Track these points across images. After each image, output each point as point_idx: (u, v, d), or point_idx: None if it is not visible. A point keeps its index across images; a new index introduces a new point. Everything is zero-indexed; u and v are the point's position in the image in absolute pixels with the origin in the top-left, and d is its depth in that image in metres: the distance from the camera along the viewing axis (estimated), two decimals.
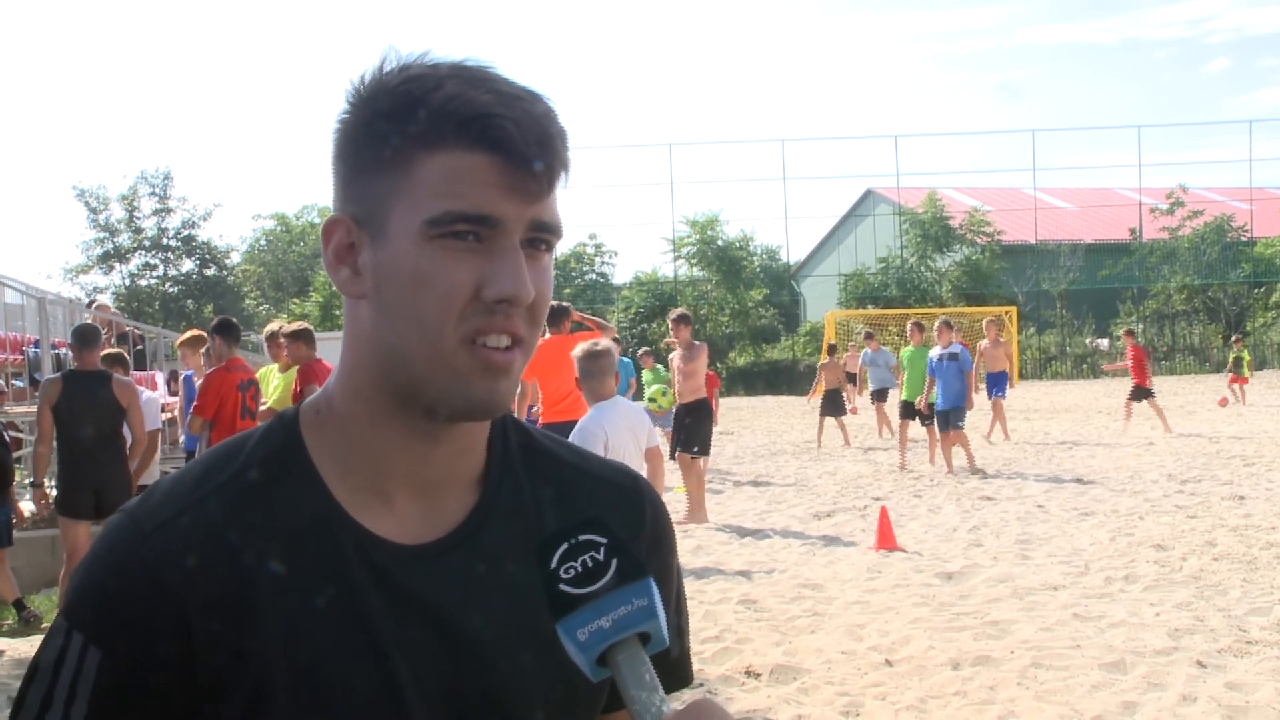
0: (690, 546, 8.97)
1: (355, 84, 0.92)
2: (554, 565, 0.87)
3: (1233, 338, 27.75)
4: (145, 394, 8.67)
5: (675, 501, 10.59)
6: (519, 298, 0.88)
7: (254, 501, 0.91)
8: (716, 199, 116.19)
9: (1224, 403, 22.29)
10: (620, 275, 51.79)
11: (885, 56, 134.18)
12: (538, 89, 0.91)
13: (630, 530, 1.05)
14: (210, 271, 45.52)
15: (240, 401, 7.85)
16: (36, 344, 12.28)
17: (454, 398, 0.90)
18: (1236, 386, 22.83)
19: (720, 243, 41.48)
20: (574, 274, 45.73)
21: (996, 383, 16.83)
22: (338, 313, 40.80)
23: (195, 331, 10.41)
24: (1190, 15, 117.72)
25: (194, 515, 0.89)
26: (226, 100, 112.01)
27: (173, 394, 13.08)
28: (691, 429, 10.53)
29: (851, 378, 20.83)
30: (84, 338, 7.35)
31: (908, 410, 14.20)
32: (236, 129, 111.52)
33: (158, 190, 44.10)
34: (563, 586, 0.86)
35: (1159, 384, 29.47)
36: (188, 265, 45.45)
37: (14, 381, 12.25)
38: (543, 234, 0.90)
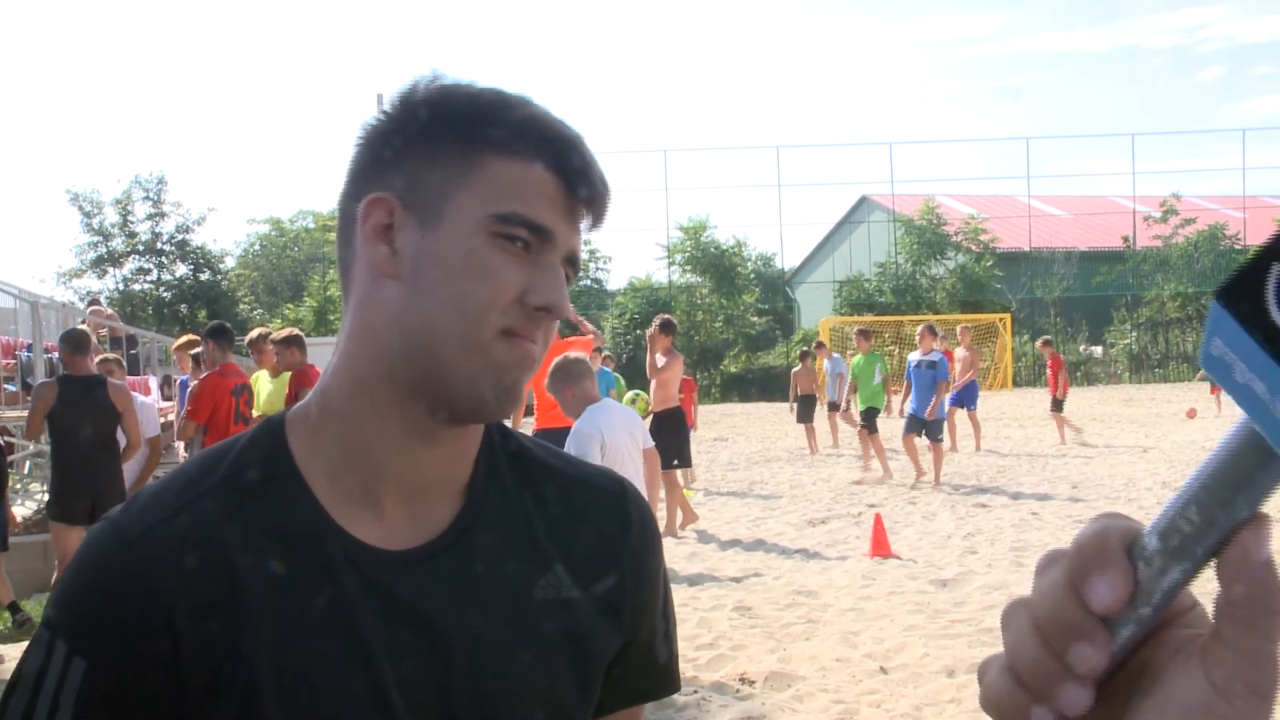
0: (685, 553, 8.97)
1: (411, 85, 0.95)
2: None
3: None
4: (140, 399, 8.65)
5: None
6: (559, 309, 0.92)
7: (239, 506, 0.91)
8: (711, 205, 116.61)
9: (1192, 414, 21.49)
10: (615, 281, 51.89)
11: (880, 63, 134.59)
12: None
13: (617, 534, 1.05)
14: (204, 276, 45.36)
15: (234, 406, 7.84)
16: (29, 348, 12.25)
17: (477, 387, 0.91)
18: (1215, 396, 22.09)
19: (713, 249, 41.46)
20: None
21: (968, 393, 16.24)
22: (332, 318, 40.77)
23: (191, 336, 10.41)
24: (1185, 23, 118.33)
25: (181, 520, 0.89)
26: (220, 105, 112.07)
27: (166, 398, 13.06)
28: (668, 441, 10.14)
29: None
30: (75, 343, 7.34)
31: (870, 420, 13.65)
32: (230, 134, 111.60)
33: (151, 195, 43.93)
34: None
35: (1152, 391, 29.59)
36: (182, 270, 45.26)
37: (6, 386, 12.22)
38: (570, 266, 0.95)
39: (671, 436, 10.29)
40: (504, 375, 0.91)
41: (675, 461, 10.24)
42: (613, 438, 5.81)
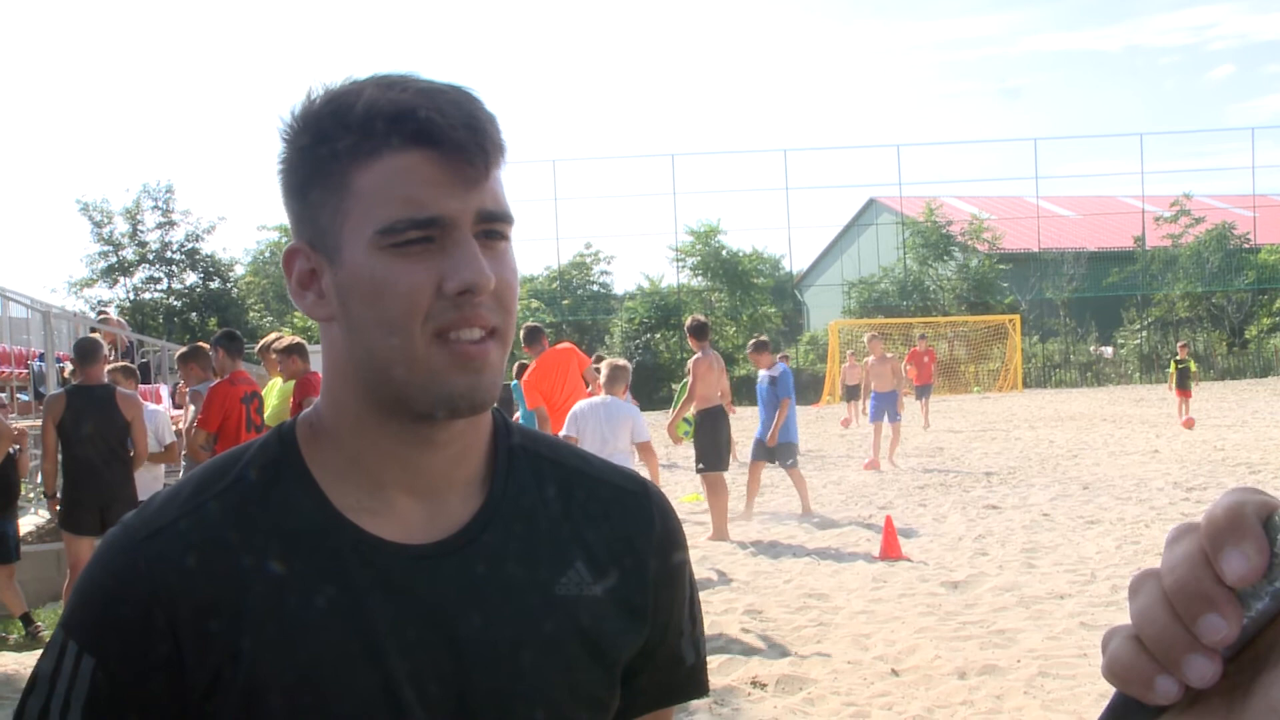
0: (695, 557, 8.90)
1: (286, 121, 0.93)
2: None
3: (1178, 344, 25.19)
4: (151, 407, 8.68)
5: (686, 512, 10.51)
6: (480, 285, 0.88)
7: (251, 507, 0.92)
8: (719, 209, 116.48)
9: (1190, 424, 19.54)
10: (623, 285, 51.83)
11: (888, 66, 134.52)
12: (461, 84, 0.92)
13: (639, 532, 1.05)
14: (214, 284, 45.46)
15: (244, 414, 7.84)
16: (41, 358, 12.30)
17: (436, 396, 0.90)
18: (1180, 400, 20.27)
19: (724, 253, 41.34)
20: (575, 285, 45.68)
21: (885, 403, 15.50)
22: None
23: (199, 344, 10.42)
24: (1193, 22, 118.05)
25: (190, 520, 0.91)
26: (228, 113, 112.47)
27: (177, 407, 13.10)
28: (699, 442, 10.11)
29: (854, 390, 20.76)
30: (85, 353, 7.38)
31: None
32: (239, 141, 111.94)
33: (160, 203, 44.07)
34: None
35: (1163, 392, 29.36)
36: (191, 278, 45.37)
37: (19, 395, 12.27)
38: (493, 224, 0.91)
39: (701, 438, 10.06)
40: (452, 381, 0.89)
41: (701, 465, 9.98)
42: (584, 425, 7.51)
